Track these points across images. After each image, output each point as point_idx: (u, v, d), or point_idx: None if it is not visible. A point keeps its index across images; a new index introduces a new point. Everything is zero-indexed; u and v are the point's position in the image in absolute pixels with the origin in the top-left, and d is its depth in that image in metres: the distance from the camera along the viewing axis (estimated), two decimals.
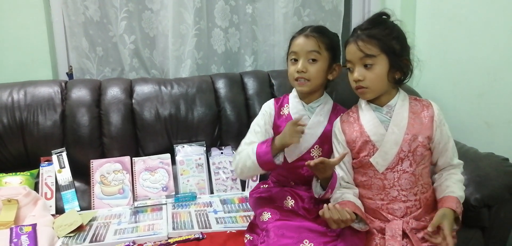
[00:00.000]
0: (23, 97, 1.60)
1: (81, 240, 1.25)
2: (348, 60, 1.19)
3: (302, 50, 1.27)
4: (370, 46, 1.14)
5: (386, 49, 1.14)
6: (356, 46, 1.15)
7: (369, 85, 1.15)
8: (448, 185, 1.17)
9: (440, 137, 1.18)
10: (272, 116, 1.34)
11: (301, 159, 1.29)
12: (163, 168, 1.63)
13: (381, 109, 1.19)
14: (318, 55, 1.26)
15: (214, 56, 1.96)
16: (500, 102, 1.55)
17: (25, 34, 1.80)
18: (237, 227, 1.30)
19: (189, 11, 1.83)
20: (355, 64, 1.17)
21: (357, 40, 1.15)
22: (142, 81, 1.74)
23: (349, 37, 1.21)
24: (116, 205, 1.52)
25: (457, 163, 1.22)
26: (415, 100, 1.22)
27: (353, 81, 1.18)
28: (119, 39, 1.87)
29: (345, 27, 2.08)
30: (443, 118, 1.20)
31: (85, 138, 1.61)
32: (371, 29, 1.16)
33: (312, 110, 1.31)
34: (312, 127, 1.29)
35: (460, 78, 1.73)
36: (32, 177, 1.55)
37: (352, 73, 1.18)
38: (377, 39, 1.14)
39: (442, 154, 1.20)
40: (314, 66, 1.26)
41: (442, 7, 1.80)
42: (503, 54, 1.52)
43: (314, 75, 1.26)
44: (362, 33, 1.16)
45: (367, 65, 1.15)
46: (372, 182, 1.19)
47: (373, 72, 1.15)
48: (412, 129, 1.16)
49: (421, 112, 1.19)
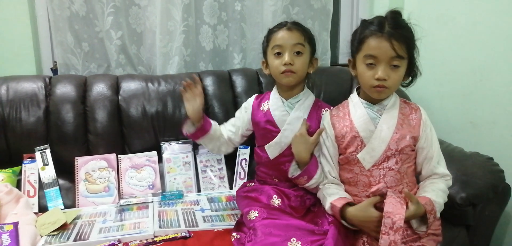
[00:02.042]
0: (5, 93, 1.56)
1: (65, 238, 1.22)
2: (372, 55, 1.12)
3: (287, 44, 1.29)
4: (403, 48, 1.11)
5: (410, 53, 1.14)
6: (390, 45, 1.09)
7: (391, 86, 1.13)
8: (426, 190, 1.17)
9: (425, 142, 1.19)
10: (248, 111, 1.40)
11: (282, 155, 1.32)
12: (150, 166, 1.61)
13: (373, 107, 1.19)
14: (303, 48, 1.30)
15: (202, 53, 1.94)
16: (485, 102, 1.58)
17: (8, 28, 1.75)
18: (224, 225, 1.30)
19: (177, 7, 1.81)
20: (381, 61, 1.11)
21: (392, 38, 1.09)
22: (129, 77, 1.72)
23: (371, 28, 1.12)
24: (101, 203, 1.50)
25: (443, 173, 1.19)
26: (404, 103, 1.23)
27: (373, 79, 1.12)
28: (105, 34, 1.84)
29: (334, 26, 2.08)
30: (430, 124, 1.21)
31: (70, 134, 1.58)
32: (401, 29, 1.12)
33: (291, 106, 1.34)
34: (291, 122, 1.31)
35: (447, 78, 1.75)
36: (14, 174, 1.52)
37: (372, 69, 1.13)
38: (407, 42, 1.12)
39: (426, 161, 1.20)
40: (299, 58, 1.29)
41: (429, 8, 1.82)
42: (489, 54, 1.55)
43: (300, 67, 1.30)
44: (396, 33, 1.10)
45: (395, 66, 1.12)
46: (358, 178, 1.20)
47: (397, 73, 1.13)
48: (401, 129, 1.17)
49: (409, 115, 1.20)
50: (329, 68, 1.97)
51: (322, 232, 1.14)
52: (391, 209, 1.04)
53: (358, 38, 1.17)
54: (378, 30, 1.12)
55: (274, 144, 1.32)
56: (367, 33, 1.14)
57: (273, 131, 1.33)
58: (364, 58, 1.14)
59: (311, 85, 1.45)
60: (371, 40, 1.12)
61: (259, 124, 1.36)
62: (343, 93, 1.73)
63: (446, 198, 1.17)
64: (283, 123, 1.32)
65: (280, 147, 1.32)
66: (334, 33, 2.12)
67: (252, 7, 1.93)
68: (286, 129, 1.31)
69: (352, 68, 1.23)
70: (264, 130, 1.36)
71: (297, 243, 1.08)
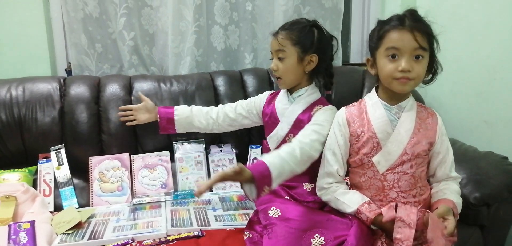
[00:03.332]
0: (21, 94, 1.59)
1: (80, 237, 1.24)
2: (395, 47, 1.11)
3: (272, 50, 1.37)
4: (425, 40, 1.10)
5: (431, 46, 1.13)
6: (412, 36, 1.08)
7: (415, 77, 1.11)
8: (446, 192, 1.17)
9: (441, 147, 1.18)
10: (263, 101, 1.49)
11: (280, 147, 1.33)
12: (162, 165, 1.62)
13: (391, 108, 1.17)
14: (284, 53, 1.33)
15: (214, 53, 1.95)
16: (499, 101, 1.55)
17: (24, 30, 1.79)
18: (236, 225, 1.30)
19: (188, 8, 1.83)
20: (404, 53, 1.10)
21: (414, 30, 1.09)
22: (142, 78, 1.73)
23: (392, 23, 1.12)
24: (114, 202, 1.52)
25: (455, 176, 1.21)
26: (420, 107, 1.22)
27: (396, 70, 1.10)
28: (118, 35, 1.86)
29: (345, 25, 2.07)
30: (444, 130, 1.21)
31: (84, 134, 1.60)
32: (422, 23, 1.11)
33: (292, 100, 1.38)
34: (288, 115, 1.36)
35: (460, 77, 1.73)
36: (30, 174, 1.55)
37: (395, 61, 1.11)
38: (428, 34, 1.11)
39: (440, 165, 1.20)
40: (282, 64, 1.34)
41: (442, 6, 1.80)
42: (502, 53, 1.52)
43: (283, 72, 1.34)
44: (417, 25, 1.10)
45: (419, 56, 1.10)
46: (371, 182, 1.19)
47: (421, 65, 1.11)
48: (418, 133, 1.16)
49: (426, 119, 1.19)
50: (340, 67, 1.96)
51: (345, 225, 1.12)
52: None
53: (377, 35, 1.15)
54: (399, 24, 1.11)
55: (273, 135, 1.38)
56: (387, 28, 1.13)
57: (274, 122, 1.39)
58: (386, 51, 1.12)
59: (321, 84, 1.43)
60: (392, 33, 1.11)
61: (266, 116, 1.43)
62: (354, 92, 1.73)
63: (461, 199, 1.18)
64: (282, 115, 1.38)
65: (277, 139, 1.37)
66: (345, 32, 2.11)
67: (263, 7, 1.94)
68: (283, 121, 1.36)
69: (371, 67, 1.20)
70: (268, 121, 1.42)
71: (321, 239, 1.07)
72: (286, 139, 1.35)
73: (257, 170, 1.08)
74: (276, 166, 1.11)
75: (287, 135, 1.35)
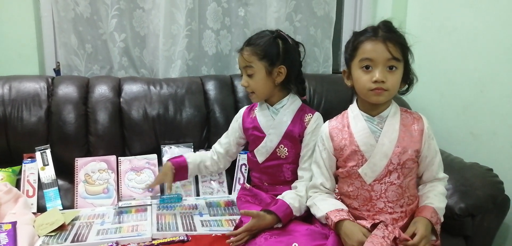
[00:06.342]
0: (7, 92, 1.57)
1: (62, 239, 1.22)
2: (368, 58, 1.11)
3: (240, 66, 1.37)
4: (398, 50, 1.11)
5: (405, 56, 1.14)
6: (385, 46, 1.10)
7: (390, 88, 1.12)
8: (429, 196, 1.18)
9: (428, 151, 1.18)
10: (239, 120, 1.46)
11: (269, 159, 1.37)
12: (149, 169, 1.61)
13: (373, 120, 1.17)
14: (252, 69, 1.33)
15: (205, 57, 1.95)
16: (486, 113, 1.57)
17: (13, 28, 1.77)
18: (223, 230, 1.29)
19: (181, 11, 1.82)
20: (378, 64, 1.11)
21: (387, 41, 1.10)
22: (131, 80, 1.72)
23: (366, 34, 1.14)
24: (100, 204, 1.50)
25: (442, 177, 1.22)
26: (405, 112, 1.22)
27: (370, 82, 1.11)
28: (109, 37, 1.85)
29: (337, 33, 2.09)
30: (432, 133, 1.20)
31: (71, 135, 1.58)
32: (395, 34, 1.13)
33: (276, 111, 1.37)
34: (276, 126, 1.35)
35: (448, 89, 1.75)
36: (14, 174, 1.52)
37: (369, 72, 1.12)
38: (401, 45, 1.12)
39: (427, 167, 1.20)
40: (251, 80, 1.34)
41: (432, 18, 1.82)
42: (490, 66, 1.55)
43: (254, 87, 1.34)
44: (390, 36, 1.11)
45: (393, 67, 1.11)
46: (358, 192, 1.19)
47: (394, 76, 1.12)
48: (402, 142, 1.15)
49: (411, 125, 1.18)
50: (331, 76, 1.98)
51: (324, 236, 1.14)
52: None
53: (351, 46, 1.17)
54: (373, 35, 1.13)
55: (261, 147, 1.37)
56: (361, 39, 1.14)
57: (260, 136, 1.38)
58: (360, 62, 1.13)
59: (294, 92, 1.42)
60: (366, 44, 1.13)
61: (248, 130, 1.41)
62: (345, 101, 1.73)
63: (446, 200, 1.20)
64: (268, 127, 1.36)
65: (266, 151, 1.36)
66: (337, 41, 2.13)
67: (256, 13, 1.94)
68: (271, 133, 1.35)
69: (347, 78, 1.22)
70: (252, 135, 1.40)
71: None
72: (276, 150, 1.35)
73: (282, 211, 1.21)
74: None
75: (277, 146, 1.35)
